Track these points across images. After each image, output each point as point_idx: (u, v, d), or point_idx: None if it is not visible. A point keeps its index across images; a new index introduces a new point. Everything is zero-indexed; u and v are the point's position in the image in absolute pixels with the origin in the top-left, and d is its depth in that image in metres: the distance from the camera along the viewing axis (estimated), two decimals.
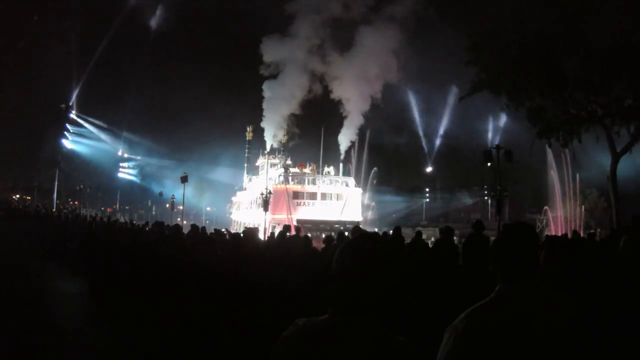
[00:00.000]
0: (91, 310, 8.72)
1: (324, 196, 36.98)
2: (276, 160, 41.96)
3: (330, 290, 1.50)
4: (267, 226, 29.79)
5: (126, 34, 55.37)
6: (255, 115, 47.27)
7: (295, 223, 27.65)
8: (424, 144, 61.24)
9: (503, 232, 1.99)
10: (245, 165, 48.25)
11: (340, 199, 37.44)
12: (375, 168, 45.59)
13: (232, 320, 5.13)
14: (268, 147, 44.87)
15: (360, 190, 39.51)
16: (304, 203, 36.04)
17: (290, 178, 36.96)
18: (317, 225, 26.19)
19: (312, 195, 36.69)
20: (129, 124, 59.69)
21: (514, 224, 2.03)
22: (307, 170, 39.41)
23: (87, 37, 55.20)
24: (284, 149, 44.57)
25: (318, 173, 39.56)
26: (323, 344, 1.42)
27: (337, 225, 30.39)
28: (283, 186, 34.77)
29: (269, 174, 37.91)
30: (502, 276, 1.87)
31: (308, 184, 37.40)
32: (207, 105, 59.34)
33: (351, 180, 39.48)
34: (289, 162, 41.96)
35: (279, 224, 27.56)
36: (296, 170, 39.28)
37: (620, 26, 19.92)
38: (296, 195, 34.93)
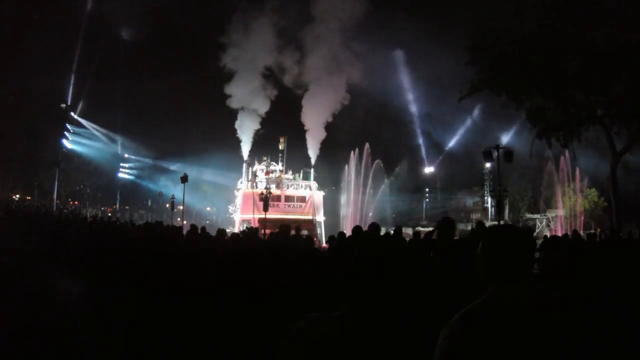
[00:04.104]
0: (92, 311, 8.72)
1: (287, 198, 42.61)
2: (262, 166, 46.43)
3: (347, 287, 1.51)
4: (239, 224, 37.33)
5: (124, 34, 55.16)
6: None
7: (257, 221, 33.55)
8: (421, 141, 61.44)
9: (488, 235, 1.99)
10: (248, 169, 49.12)
11: (302, 201, 42.96)
12: (378, 160, 48.51)
13: (234, 319, 5.13)
14: (246, 152, 48.35)
15: (322, 192, 45.37)
16: (271, 205, 40.15)
17: (257, 184, 42.78)
18: (275, 222, 29.08)
19: (277, 198, 41.55)
20: (129, 125, 59.70)
21: (499, 226, 2.05)
22: (272, 176, 44.82)
23: (87, 37, 55.11)
24: (282, 155, 47.82)
25: (295, 178, 45.49)
26: (337, 339, 1.43)
27: (293, 223, 34.14)
28: (250, 191, 41.34)
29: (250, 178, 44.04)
30: (493, 278, 1.88)
31: (275, 188, 42.28)
32: (211, 106, 59.27)
33: (314, 184, 45.03)
34: (276, 167, 46.03)
35: (248, 222, 35.99)
36: (264, 176, 44.98)
37: (620, 26, 19.92)
38: (262, 198, 39.07)
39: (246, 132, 48.54)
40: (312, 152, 47.63)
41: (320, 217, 43.20)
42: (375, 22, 49.16)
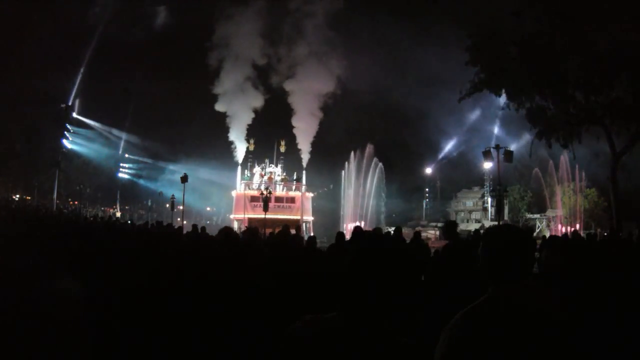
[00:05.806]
0: (93, 312, 8.71)
1: (277, 199, 43.67)
2: (259, 169, 47.77)
3: (343, 289, 1.51)
4: (231, 224, 39.04)
5: (123, 34, 55.16)
6: (255, 121, 49.77)
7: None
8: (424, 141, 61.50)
9: (488, 236, 1.99)
10: (247, 172, 49.53)
11: (292, 202, 44.43)
12: (380, 163, 48.85)
13: (232, 318, 5.14)
14: (241, 155, 49.23)
15: (311, 194, 46.95)
16: (260, 205, 41.20)
17: (250, 185, 44.56)
18: (263, 222, 31.07)
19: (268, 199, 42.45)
20: (129, 125, 59.64)
21: (498, 226, 2.04)
22: (265, 178, 46.24)
23: (87, 37, 55.11)
24: (283, 158, 48.77)
25: (285, 179, 46.84)
26: (331, 341, 1.43)
27: (280, 223, 35.78)
28: (242, 192, 43.36)
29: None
30: (493, 278, 1.88)
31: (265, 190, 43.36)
32: (211, 105, 59.31)
33: (303, 186, 46.38)
34: (275, 169, 47.22)
35: (240, 222, 38.97)
36: (257, 178, 46.64)
37: (620, 26, 19.93)
38: (254, 199, 41.10)
39: (238, 130, 48.99)
40: (304, 151, 48.53)
41: (308, 218, 44.76)
42: (371, 19, 49.28)
